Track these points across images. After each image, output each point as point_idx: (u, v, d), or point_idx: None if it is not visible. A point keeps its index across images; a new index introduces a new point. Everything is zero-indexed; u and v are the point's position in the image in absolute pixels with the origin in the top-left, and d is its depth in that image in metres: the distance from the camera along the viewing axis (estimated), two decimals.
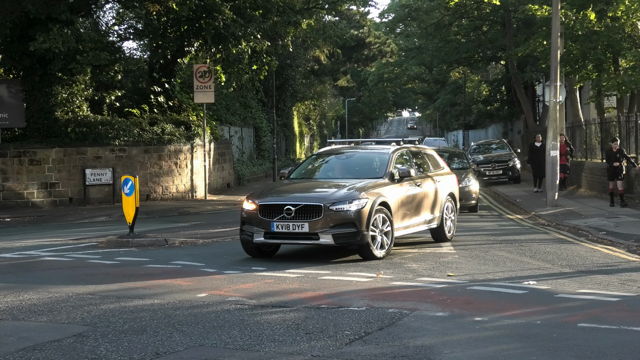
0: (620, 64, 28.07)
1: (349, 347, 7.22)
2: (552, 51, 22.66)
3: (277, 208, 12.58)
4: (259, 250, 13.24)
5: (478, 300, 9.40)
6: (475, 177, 23.16)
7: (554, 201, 22.24)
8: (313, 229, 12.32)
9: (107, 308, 9.09)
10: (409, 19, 54.49)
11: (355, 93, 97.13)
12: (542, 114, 47.40)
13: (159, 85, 29.70)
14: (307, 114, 72.24)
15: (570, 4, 27.31)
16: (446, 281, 10.71)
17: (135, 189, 15.64)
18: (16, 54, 25.85)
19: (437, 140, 72.00)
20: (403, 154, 14.81)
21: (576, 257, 13.10)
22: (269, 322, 8.23)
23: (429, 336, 7.60)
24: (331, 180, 13.86)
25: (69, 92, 27.15)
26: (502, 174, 34.43)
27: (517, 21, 45.22)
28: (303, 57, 53.82)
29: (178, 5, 25.64)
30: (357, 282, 10.68)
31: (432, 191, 14.82)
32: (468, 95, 78.22)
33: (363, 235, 12.39)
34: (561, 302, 9.31)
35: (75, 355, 7.04)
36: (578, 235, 16.52)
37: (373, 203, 12.57)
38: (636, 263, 12.51)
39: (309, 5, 32.62)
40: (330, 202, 12.39)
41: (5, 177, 25.08)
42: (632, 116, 24.65)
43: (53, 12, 23.77)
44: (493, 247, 14.63)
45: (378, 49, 72.51)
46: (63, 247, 15.44)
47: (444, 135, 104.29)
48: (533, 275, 11.23)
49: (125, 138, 27.00)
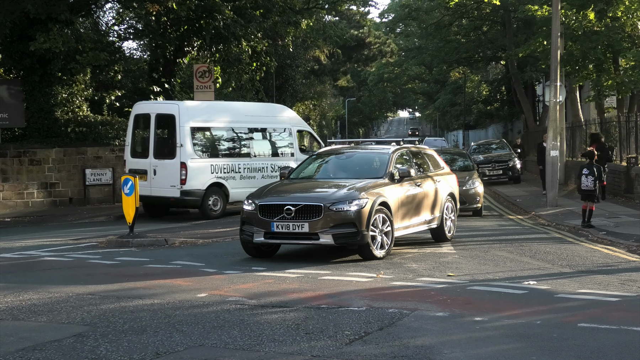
0: (620, 64, 28.08)
1: (349, 347, 7.22)
2: (552, 51, 22.66)
3: (277, 208, 12.56)
4: (259, 250, 13.23)
5: (478, 300, 9.40)
6: (480, 179, 22.11)
7: (554, 201, 22.24)
8: (313, 229, 12.31)
9: (107, 308, 9.08)
10: (409, 18, 54.51)
11: (355, 93, 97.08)
12: (542, 114, 47.41)
13: (159, 85, 29.67)
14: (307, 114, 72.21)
15: (570, 4, 27.31)
16: (446, 281, 10.71)
17: (135, 189, 15.65)
18: (16, 54, 25.85)
19: (437, 140, 71.92)
20: (403, 154, 14.81)
21: (576, 257, 13.10)
22: (269, 322, 8.23)
23: (429, 336, 7.60)
24: (331, 180, 13.84)
25: (69, 92, 27.15)
26: (502, 174, 34.43)
27: (517, 21, 45.23)
28: (303, 57, 53.76)
29: (178, 5, 25.62)
30: (357, 282, 10.69)
31: (432, 191, 14.82)
32: (468, 95, 78.22)
33: (363, 235, 12.38)
34: (561, 302, 9.31)
35: (75, 355, 7.04)
36: (578, 235, 16.52)
37: (373, 203, 12.56)
38: (636, 263, 12.51)
39: (309, 5, 32.62)
40: (330, 202, 12.38)
41: (5, 177, 25.07)
42: (632, 116, 24.65)
43: (53, 12, 23.75)
44: (493, 247, 14.63)
45: (378, 49, 72.53)
46: (63, 247, 15.44)
47: (444, 135, 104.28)
48: (533, 275, 11.23)
49: (125, 138, 26.97)
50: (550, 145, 22.18)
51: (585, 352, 6.97)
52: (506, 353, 7.01)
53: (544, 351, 7.01)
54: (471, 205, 20.88)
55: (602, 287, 10.25)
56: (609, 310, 8.79)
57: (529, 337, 7.52)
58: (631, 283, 10.51)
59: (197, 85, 28.27)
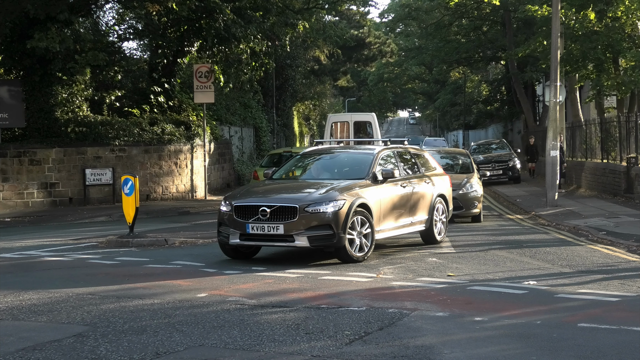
0: (620, 64, 28.08)
1: (349, 347, 7.22)
2: (552, 51, 22.66)
3: (252, 209, 12.30)
4: (237, 252, 13.01)
5: (478, 300, 9.40)
6: (479, 182, 20.45)
7: (554, 201, 22.24)
8: (288, 230, 12.02)
9: (107, 308, 9.08)
10: (409, 18, 54.58)
11: (355, 93, 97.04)
12: (542, 114, 47.44)
13: (159, 85, 29.69)
14: (307, 114, 72.21)
15: (570, 4, 27.31)
16: (446, 281, 10.70)
17: (135, 189, 15.64)
18: (16, 54, 25.86)
19: (437, 140, 71.91)
20: (389, 154, 14.49)
21: (576, 257, 13.10)
22: (269, 322, 8.23)
23: (429, 336, 7.60)
24: (313, 180, 13.57)
25: (69, 92, 27.15)
26: (502, 174, 34.41)
27: (517, 21, 45.25)
28: (303, 57, 53.78)
29: (178, 5, 25.63)
30: (357, 282, 10.68)
31: (420, 192, 14.49)
32: (468, 95, 78.24)
33: (340, 238, 12.08)
34: (561, 302, 9.31)
35: (75, 355, 7.04)
36: (578, 235, 16.52)
37: (351, 204, 12.25)
38: (636, 263, 12.51)
39: (309, 5, 32.62)
40: (306, 203, 12.11)
41: (5, 177, 25.08)
42: (632, 116, 24.64)
43: (52, 12, 23.74)
44: (493, 247, 14.63)
45: (378, 49, 72.45)
46: (63, 247, 15.43)
47: (444, 135, 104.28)
48: (533, 275, 11.23)
49: (125, 138, 27.00)
50: (550, 145, 22.18)
51: (585, 352, 6.97)
52: (506, 353, 7.01)
53: (544, 351, 7.01)
54: (469, 211, 19.44)
55: (602, 287, 10.25)
56: (609, 310, 8.79)
57: (529, 337, 7.52)
58: (631, 283, 10.51)
59: (197, 85, 28.29)
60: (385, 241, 14.82)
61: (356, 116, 33.10)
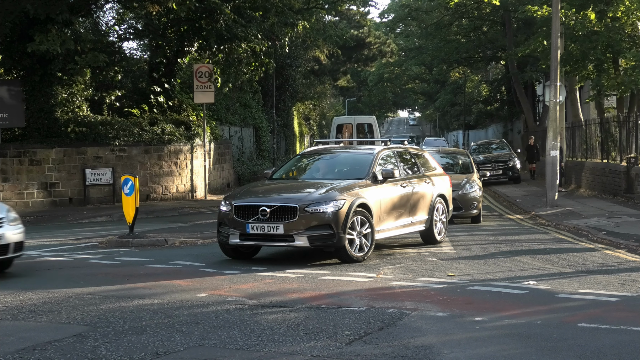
0: (620, 64, 28.08)
1: (349, 347, 7.22)
2: (552, 51, 22.65)
3: (252, 209, 12.30)
4: (237, 251, 13.01)
5: (478, 300, 9.40)
6: (479, 182, 20.23)
7: (554, 201, 22.24)
8: (288, 230, 12.02)
9: (107, 308, 9.08)
10: (409, 18, 54.60)
11: (355, 93, 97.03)
12: (542, 114, 47.45)
13: (159, 85, 29.68)
14: (307, 114, 72.20)
15: (570, 4, 27.31)
16: (446, 281, 10.71)
17: (135, 189, 15.63)
18: (16, 54, 25.84)
19: (437, 140, 71.92)
20: (389, 154, 14.48)
21: (576, 257, 13.10)
22: (269, 322, 8.23)
23: (429, 336, 7.60)
24: (313, 180, 13.57)
25: (69, 92, 27.14)
26: (502, 174, 34.41)
27: (517, 21, 45.27)
28: (303, 57, 53.75)
29: (178, 6, 25.62)
30: (357, 282, 10.68)
31: (420, 192, 14.49)
32: (468, 95, 78.21)
33: (340, 238, 12.08)
34: (561, 302, 9.31)
35: (75, 355, 7.04)
36: (578, 235, 16.52)
37: (351, 204, 12.25)
38: (636, 263, 12.52)
39: (309, 5, 32.61)
40: (306, 203, 12.11)
41: (5, 177, 25.07)
42: (632, 116, 24.65)
43: (52, 12, 23.74)
44: (493, 247, 14.63)
45: (378, 49, 72.44)
46: (63, 247, 15.43)
47: (444, 135, 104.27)
48: (533, 275, 11.23)
49: (125, 138, 26.99)
50: (550, 145, 22.18)
51: (585, 352, 6.97)
52: (506, 353, 7.01)
53: (544, 351, 7.01)
54: (468, 212, 19.25)
55: (602, 287, 10.25)
56: (609, 310, 8.79)
57: (529, 337, 7.52)
58: (631, 283, 10.51)
59: (197, 85, 28.28)
60: (385, 241, 14.82)
61: (358, 118, 36.65)
